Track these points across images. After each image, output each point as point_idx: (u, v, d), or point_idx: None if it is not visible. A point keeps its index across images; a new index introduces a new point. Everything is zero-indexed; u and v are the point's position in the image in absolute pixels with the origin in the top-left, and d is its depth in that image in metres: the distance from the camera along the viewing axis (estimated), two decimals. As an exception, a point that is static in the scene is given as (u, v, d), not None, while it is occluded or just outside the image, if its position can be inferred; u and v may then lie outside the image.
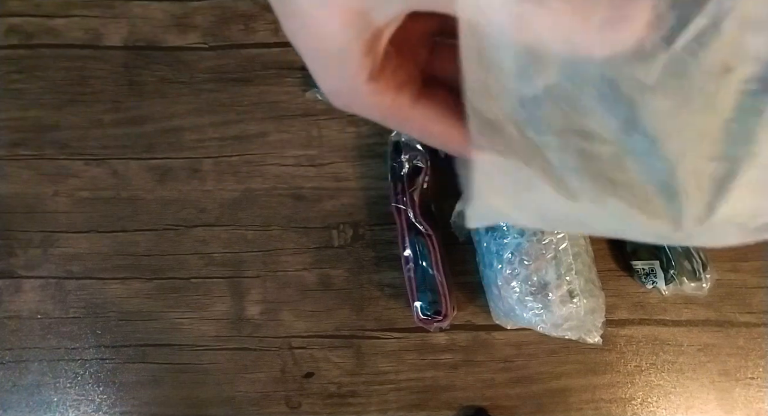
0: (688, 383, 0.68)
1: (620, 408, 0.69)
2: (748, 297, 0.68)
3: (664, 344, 0.69)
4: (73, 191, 0.71)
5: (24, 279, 0.71)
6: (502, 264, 0.63)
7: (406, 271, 0.67)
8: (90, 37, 0.72)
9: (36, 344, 0.71)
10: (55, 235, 0.71)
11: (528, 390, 0.69)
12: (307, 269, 0.70)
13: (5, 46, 0.72)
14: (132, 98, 0.71)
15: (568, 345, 0.68)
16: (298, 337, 0.70)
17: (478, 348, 0.69)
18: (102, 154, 0.71)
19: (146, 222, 0.71)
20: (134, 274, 0.71)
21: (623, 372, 0.69)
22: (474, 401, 0.69)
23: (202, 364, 0.70)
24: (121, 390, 0.70)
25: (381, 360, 0.69)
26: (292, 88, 0.71)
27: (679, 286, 0.64)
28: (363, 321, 0.70)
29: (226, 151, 0.71)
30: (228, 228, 0.70)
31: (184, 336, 0.70)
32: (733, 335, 0.68)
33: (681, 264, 0.64)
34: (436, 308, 0.65)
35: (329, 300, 0.70)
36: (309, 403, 0.70)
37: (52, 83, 0.72)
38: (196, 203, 0.71)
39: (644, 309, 0.69)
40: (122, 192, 0.71)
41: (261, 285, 0.70)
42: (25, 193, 0.71)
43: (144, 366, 0.70)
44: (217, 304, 0.70)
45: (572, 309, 0.62)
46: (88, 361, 0.70)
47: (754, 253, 0.68)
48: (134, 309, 0.70)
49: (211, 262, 0.70)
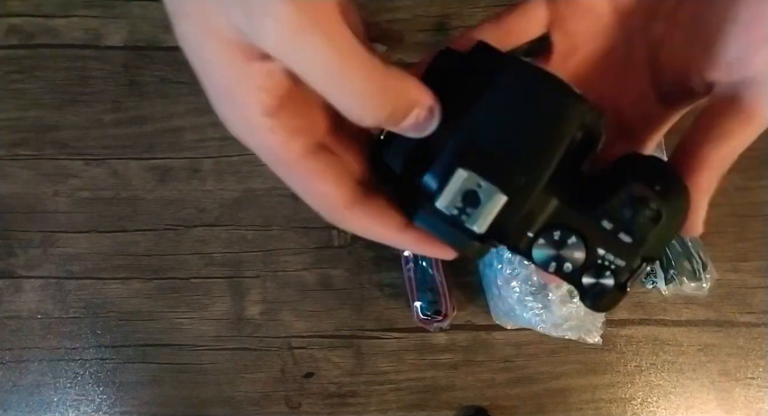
0: (688, 383, 0.68)
1: (620, 408, 0.69)
2: (748, 297, 0.68)
3: (664, 344, 0.69)
4: (73, 191, 0.71)
5: (24, 279, 0.71)
6: (502, 264, 0.63)
7: (406, 271, 0.67)
8: (90, 37, 0.72)
9: (36, 344, 0.71)
10: (55, 235, 0.71)
11: (528, 390, 0.69)
12: (307, 269, 0.70)
13: (5, 46, 0.72)
14: (132, 98, 0.71)
15: (568, 345, 0.68)
16: (298, 337, 0.70)
17: (478, 348, 0.69)
18: (102, 154, 0.71)
19: (146, 222, 0.71)
20: (134, 274, 0.70)
21: (623, 372, 0.69)
22: (474, 401, 0.69)
23: (202, 364, 0.70)
24: (121, 390, 0.70)
25: (381, 360, 0.69)
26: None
27: (679, 286, 0.64)
28: (363, 321, 0.70)
29: (227, 151, 0.71)
30: (228, 228, 0.70)
31: (184, 336, 0.70)
32: (733, 335, 0.68)
33: (681, 264, 0.64)
34: (436, 308, 0.65)
35: (329, 300, 0.70)
36: (309, 403, 0.70)
37: (52, 83, 0.72)
38: (196, 203, 0.71)
39: (644, 309, 0.69)
40: (122, 192, 0.71)
41: (261, 285, 0.70)
42: (25, 193, 0.71)
43: (144, 366, 0.70)
44: (217, 304, 0.70)
45: (572, 309, 0.62)
46: (88, 361, 0.70)
47: (754, 253, 0.68)
48: (134, 309, 0.70)
49: (211, 262, 0.70)
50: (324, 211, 0.21)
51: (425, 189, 0.19)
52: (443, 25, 0.71)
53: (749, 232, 0.68)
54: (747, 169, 0.68)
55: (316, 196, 0.20)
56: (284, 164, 0.19)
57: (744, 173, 0.68)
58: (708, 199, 0.20)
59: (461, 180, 0.18)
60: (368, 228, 0.21)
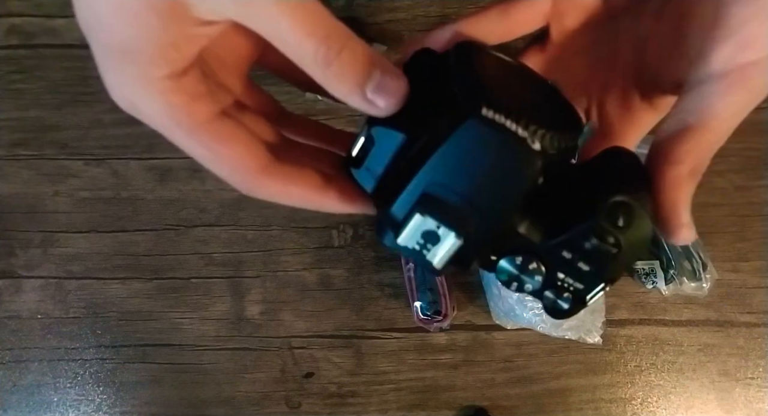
0: (688, 383, 0.68)
1: (620, 408, 0.69)
2: (748, 297, 0.68)
3: (664, 344, 0.69)
4: (73, 191, 0.71)
5: (24, 279, 0.71)
6: (502, 264, 0.63)
7: (406, 271, 0.67)
8: (90, 37, 0.72)
9: (36, 344, 0.71)
10: (55, 235, 0.71)
11: (528, 390, 0.69)
12: (307, 269, 0.70)
13: (5, 46, 0.72)
14: (132, 98, 0.71)
15: (568, 345, 0.68)
16: (298, 337, 0.70)
17: (478, 348, 0.69)
18: (102, 154, 0.71)
19: (146, 222, 0.71)
20: (134, 274, 0.71)
21: (623, 372, 0.69)
22: (474, 401, 0.69)
23: (202, 364, 0.70)
24: (121, 390, 0.70)
25: (381, 360, 0.69)
26: (292, 87, 0.71)
27: (679, 286, 0.64)
28: (363, 321, 0.70)
29: (226, 151, 0.71)
30: (228, 228, 0.70)
31: (184, 336, 0.70)
32: (733, 335, 0.68)
33: (681, 264, 0.64)
34: (436, 308, 0.65)
35: (329, 300, 0.70)
36: (309, 403, 0.70)
37: (52, 83, 0.72)
38: (197, 203, 0.71)
39: (644, 309, 0.69)
40: (122, 192, 0.71)
41: (261, 285, 0.70)
42: (25, 193, 0.71)
43: (144, 366, 0.70)
44: (217, 304, 0.70)
45: (572, 309, 0.62)
46: (88, 361, 0.70)
47: (754, 253, 0.68)
48: (134, 309, 0.70)
49: (211, 262, 0.70)
50: (235, 178, 0.19)
51: (391, 217, 0.19)
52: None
53: (749, 232, 0.68)
54: (747, 169, 0.68)
55: (225, 161, 0.19)
56: (187, 129, 0.18)
57: (744, 173, 0.68)
58: (686, 202, 0.20)
59: (421, 222, 0.19)
60: (286, 192, 0.20)
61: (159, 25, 0.16)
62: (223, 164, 0.19)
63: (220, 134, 0.18)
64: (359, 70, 0.17)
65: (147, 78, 0.17)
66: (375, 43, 0.68)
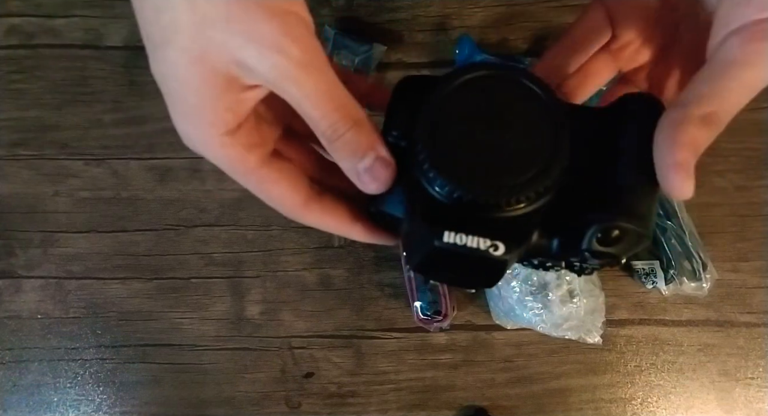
0: (688, 383, 0.68)
1: (620, 408, 0.69)
2: (748, 297, 0.68)
3: (664, 344, 0.69)
4: (73, 191, 0.71)
5: (24, 279, 0.71)
6: (502, 264, 0.63)
7: (406, 271, 0.67)
8: (90, 37, 0.72)
9: (36, 344, 0.71)
10: (55, 235, 0.71)
11: (528, 390, 0.69)
12: (307, 269, 0.70)
13: (5, 46, 0.72)
14: (132, 98, 0.71)
15: (568, 345, 0.68)
16: (298, 337, 0.70)
17: (478, 348, 0.69)
18: (102, 154, 0.71)
19: (146, 222, 0.71)
20: (134, 274, 0.71)
21: (623, 372, 0.69)
22: (474, 401, 0.69)
23: (202, 364, 0.70)
24: (121, 390, 0.70)
25: (381, 360, 0.69)
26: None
27: (679, 286, 0.64)
28: (363, 321, 0.70)
29: (226, 151, 0.71)
30: (228, 228, 0.70)
31: (184, 336, 0.70)
32: (733, 335, 0.68)
33: (681, 264, 0.64)
34: (436, 308, 0.65)
35: (329, 300, 0.70)
36: (309, 403, 0.70)
37: (52, 83, 0.72)
38: (197, 203, 0.71)
39: (644, 309, 0.69)
40: (122, 192, 0.71)
41: (261, 285, 0.70)
42: (25, 193, 0.71)
43: (144, 366, 0.70)
44: (217, 304, 0.70)
45: (572, 309, 0.62)
46: (88, 361, 0.70)
47: (754, 253, 0.68)
48: (134, 309, 0.70)
49: (211, 262, 0.70)
50: (282, 211, 0.24)
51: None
52: (443, 25, 0.71)
53: (749, 232, 0.68)
54: (747, 169, 0.68)
55: (274, 199, 0.23)
56: (242, 174, 0.22)
57: (744, 173, 0.68)
58: (687, 143, 0.19)
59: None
60: (322, 223, 0.25)
61: (216, 95, 0.20)
62: (272, 202, 0.23)
63: (269, 176, 0.22)
64: (356, 152, 0.21)
65: (209, 135, 0.21)
66: (375, 43, 0.68)
